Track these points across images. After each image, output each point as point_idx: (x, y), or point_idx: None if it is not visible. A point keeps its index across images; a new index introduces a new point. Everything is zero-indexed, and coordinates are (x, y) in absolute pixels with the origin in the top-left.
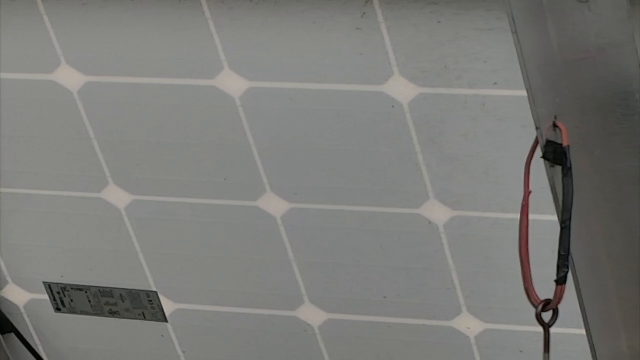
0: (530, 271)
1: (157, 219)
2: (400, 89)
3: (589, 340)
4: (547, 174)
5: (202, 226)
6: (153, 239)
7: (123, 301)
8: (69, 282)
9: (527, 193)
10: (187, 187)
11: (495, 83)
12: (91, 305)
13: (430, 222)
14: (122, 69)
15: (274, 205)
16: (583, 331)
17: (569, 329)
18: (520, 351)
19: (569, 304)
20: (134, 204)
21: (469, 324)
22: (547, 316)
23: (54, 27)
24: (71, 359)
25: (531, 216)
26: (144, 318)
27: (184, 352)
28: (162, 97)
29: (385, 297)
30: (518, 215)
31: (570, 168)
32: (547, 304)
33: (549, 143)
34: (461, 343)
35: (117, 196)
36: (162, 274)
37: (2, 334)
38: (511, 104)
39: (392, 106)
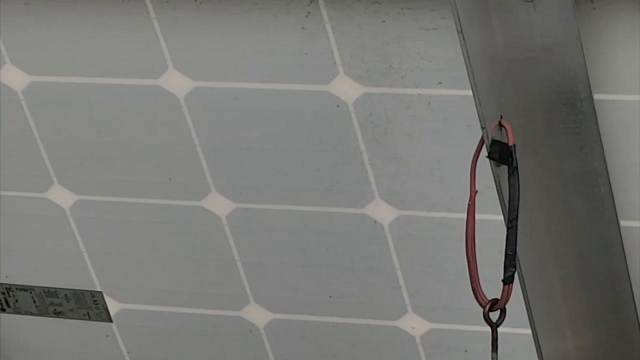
0: (477, 271)
1: (102, 219)
2: (345, 88)
3: (535, 340)
4: (493, 173)
5: (147, 226)
6: (98, 239)
7: (68, 301)
8: (14, 283)
9: (473, 193)
10: (131, 187)
11: (440, 83)
12: (36, 306)
13: (375, 222)
14: (66, 68)
15: (219, 205)
16: (529, 331)
17: (516, 328)
18: (466, 351)
19: (516, 303)
20: (78, 204)
21: (414, 324)
22: (494, 316)
23: None
24: None
25: (477, 216)
26: (89, 318)
27: (128, 352)
28: (106, 96)
29: (330, 297)
30: (464, 215)
31: (516, 168)
32: (494, 304)
33: (494, 143)
34: (407, 343)
35: (62, 196)
36: (107, 274)
37: None
38: (457, 104)
39: (337, 106)
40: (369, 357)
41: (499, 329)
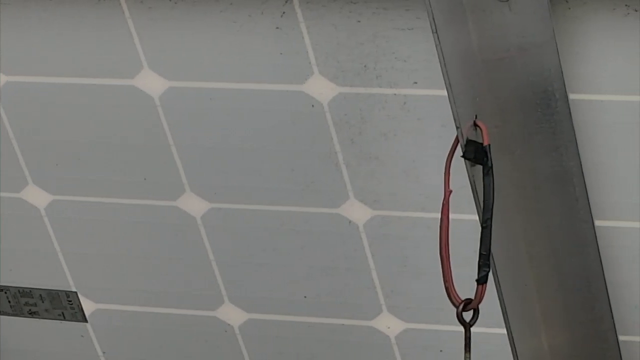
0: (450, 271)
1: (77, 219)
2: (320, 88)
3: (509, 339)
4: (468, 173)
5: (122, 226)
6: (73, 239)
7: (43, 302)
8: None
9: (447, 192)
10: (107, 187)
11: (415, 82)
12: (11, 306)
13: (350, 222)
14: (41, 68)
15: (193, 205)
16: (504, 330)
17: (490, 328)
18: (441, 351)
19: (490, 303)
20: (53, 204)
21: (389, 324)
22: (468, 316)
23: None
24: None
25: (452, 215)
26: (64, 318)
27: (104, 352)
28: (81, 96)
29: (305, 297)
30: (439, 215)
31: (491, 167)
32: (468, 304)
33: (469, 142)
34: (382, 343)
35: (37, 196)
36: (82, 274)
37: None
38: (431, 104)
39: (312, 106)
40: (345, 357)
41: (474, 329)
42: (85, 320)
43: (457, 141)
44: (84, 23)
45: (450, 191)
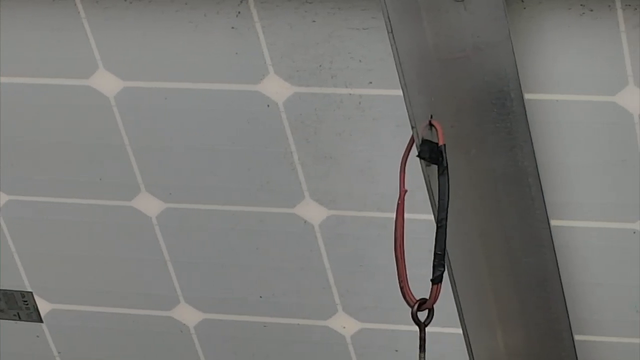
0: (405, 270)
1: (33, 219)
2: (276, 88)
3: (465, 339)
4: (424, 173)
5: (77, 226)
6: (28, 239)
7: None
8: None
9: (402, 192)
10: (62, 187)
11: (370, 82)
12: None
13: (305, 222)
14: None
15: (149, 205)
16: (460, 330)
17: (446, 328)
18: (396, 350)
19: (446, 303)
20: (9, 205)
21: (344, 324)
22: (423, 315)
23: None
24: None
25: (407, 215)
26: (19, 319)
27: (59, 352)
28: (37, 96)
29: (261, 296)
30: (394, 215)
31: (446, 167)
32: (423, 304)
33: (424, 142)
34: (337, 342)
35: None
36: (38, 274)
37: None
38: (387, 103)
39: (268, 105)
40: (300, 357)
41: (429, 329)
42: (41, 321)
43: (412, 141)
44: (39, 23)
45: (406, 191)
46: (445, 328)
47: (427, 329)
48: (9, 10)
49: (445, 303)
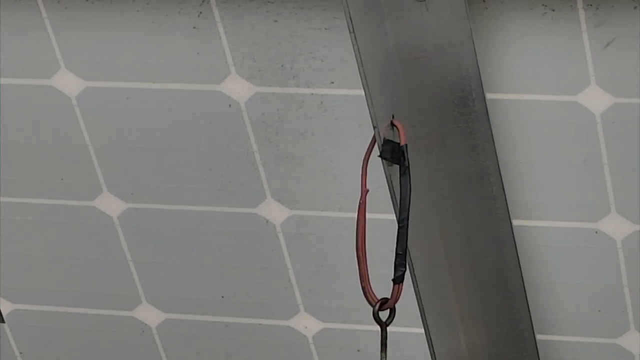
0: (367, 270)
1: None
2: (237, 88)
3: (427, 338)
4: (385, 173)
5: (39, 226)
6: None
7: None
8: None
9: (364, 192)
10: (23, 187)
11: (332, 82)
12: None
13: (267, 222)
14: None
15: (110, 205)
16: (422, 330)
17: (408, 328)
18: (358, 350)
19: (408, 303)
20: None
21: (306, 324)
22: (384, 315)
23: None
24: None
25: (369, 215)
26: None
27: (21, 352)
28: None
29: (223, 296)
30: (356, 214)
31: (408, 167)
32: (384, 303)
33: (386, 142)
34: (299, 342)
35: None
36: None
37: None
38: (349, 103)
39: (229, 105)
40: (262, 356)
41: (391, 329)
42: (3, 321)
43: (374, 141)
44: (1, 23)
45: (367, 190)
46: (407, 328)
47: (388, 328)
48: None
49: (407, 303)
